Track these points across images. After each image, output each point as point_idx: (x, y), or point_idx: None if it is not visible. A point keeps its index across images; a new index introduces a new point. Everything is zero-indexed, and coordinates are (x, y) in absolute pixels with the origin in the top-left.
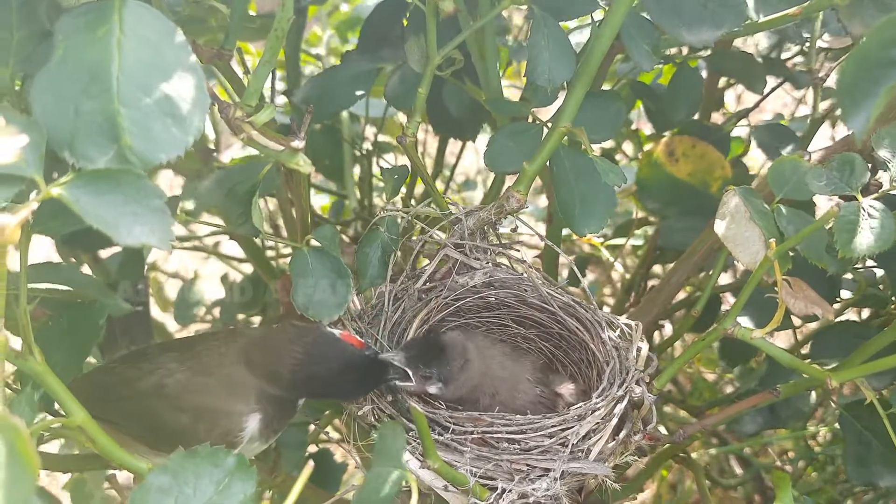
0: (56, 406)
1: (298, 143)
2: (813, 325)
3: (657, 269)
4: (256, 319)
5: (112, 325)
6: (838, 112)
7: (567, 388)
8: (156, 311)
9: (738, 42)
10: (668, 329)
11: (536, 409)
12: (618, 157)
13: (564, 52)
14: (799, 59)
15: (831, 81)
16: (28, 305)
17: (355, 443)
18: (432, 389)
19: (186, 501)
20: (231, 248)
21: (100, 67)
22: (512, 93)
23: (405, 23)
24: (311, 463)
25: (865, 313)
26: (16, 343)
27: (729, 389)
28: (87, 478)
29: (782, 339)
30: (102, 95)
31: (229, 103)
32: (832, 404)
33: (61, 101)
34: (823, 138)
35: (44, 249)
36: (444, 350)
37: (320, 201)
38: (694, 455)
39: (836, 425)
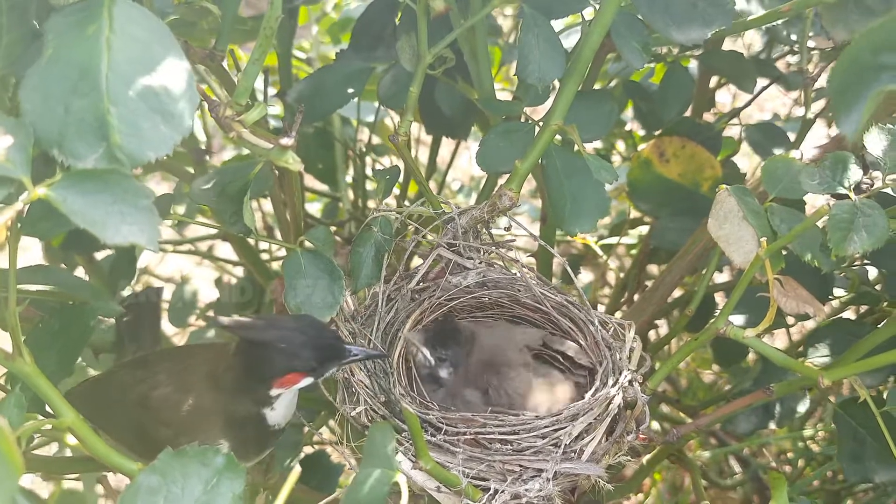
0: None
1: (287, 141)
2: (811, 324)
3: (653, 268)
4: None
5: (120, 331)
6: (831, 112)
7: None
8: None
9: (728, 42)
10: (665, 328)
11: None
12: (613, 157)
13: (554, 51)
14: (792, 59)
15: (823, 81)
16: (18, 307)
17: (349, 444)
18: (443, 373)
19: (175, 501)
20: (225, 251)
21: (89, 66)
22: (502, 95)
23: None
24: (297, 468)
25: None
26: (6, 345)
27: (726, 389)
28: (73, 491)
29: (781, 338)
30: (92, 94)
31: (219, 102)
32: (830, 403)
33: (51, 99)
34: (820, 137)
35: (38, 253)
36: (459, 334)
37: (316, 206)
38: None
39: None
